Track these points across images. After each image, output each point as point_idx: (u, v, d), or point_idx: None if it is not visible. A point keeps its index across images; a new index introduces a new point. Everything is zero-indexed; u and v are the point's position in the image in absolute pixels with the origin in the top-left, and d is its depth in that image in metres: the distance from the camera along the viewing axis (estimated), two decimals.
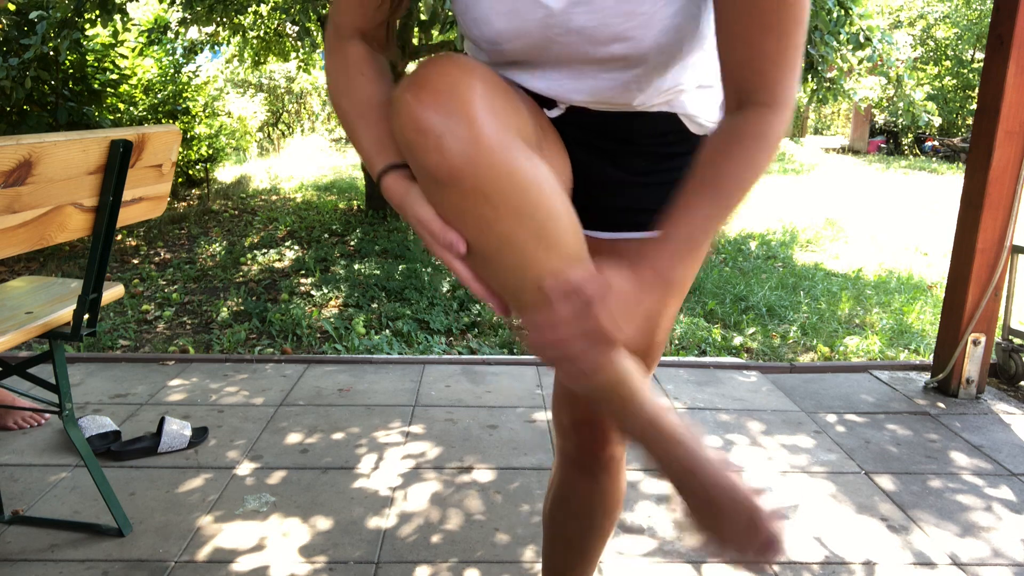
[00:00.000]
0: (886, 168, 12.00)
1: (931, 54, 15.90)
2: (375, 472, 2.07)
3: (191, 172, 7.87)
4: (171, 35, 6.04)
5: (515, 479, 2.05)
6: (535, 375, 2.82)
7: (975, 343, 2.65)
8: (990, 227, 2.55)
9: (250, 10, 6.25)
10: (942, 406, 2.61)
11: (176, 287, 4.33)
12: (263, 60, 8.56)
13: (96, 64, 5.83)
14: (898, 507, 1.95)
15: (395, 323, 3.64)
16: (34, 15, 4.37)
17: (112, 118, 6.25)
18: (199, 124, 7.65)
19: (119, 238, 5.59)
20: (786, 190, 9.24)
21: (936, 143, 14.27)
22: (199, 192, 7.78)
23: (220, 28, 6.58)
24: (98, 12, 4.24)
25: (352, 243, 5.49)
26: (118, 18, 4.38)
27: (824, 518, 1.89)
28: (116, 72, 6.07)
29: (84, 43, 5.58)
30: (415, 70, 0.73)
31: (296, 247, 5.35)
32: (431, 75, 0.70)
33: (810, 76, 4.76)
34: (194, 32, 6.63)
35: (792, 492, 2.02)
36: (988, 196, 2.52)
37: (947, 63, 15.61)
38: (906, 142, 14.84)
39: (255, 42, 7.91)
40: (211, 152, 8.05)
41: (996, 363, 2.87)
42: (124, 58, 6.25)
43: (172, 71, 7.09)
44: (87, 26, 4.68)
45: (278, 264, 4.90)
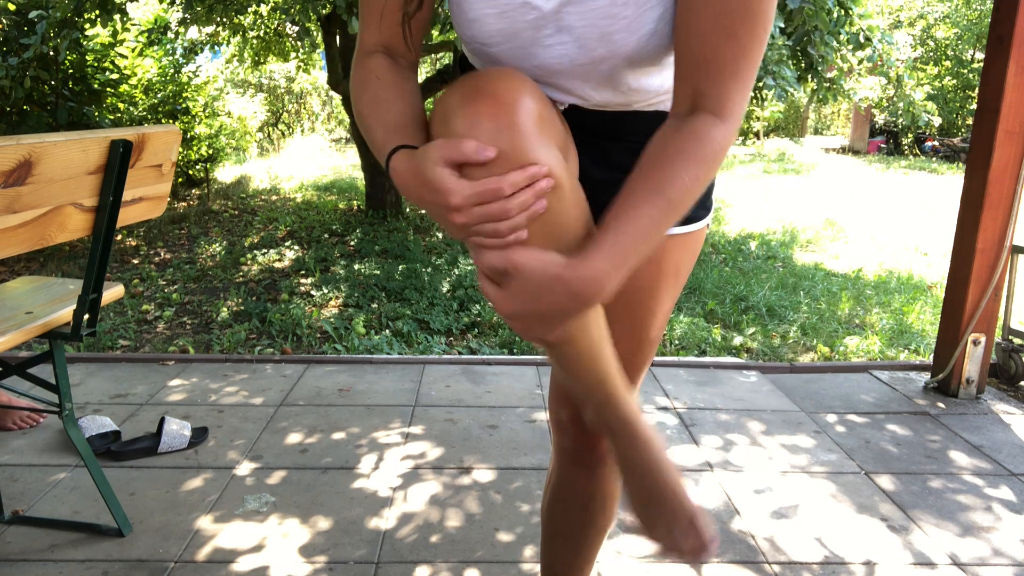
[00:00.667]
0: (886, 168, 12.00)
1: (931, 54, 15.89)
2: (375, 472, 2.07)
3: (191, 172, 7.87)
4: (171, 35, 6.03)
5: (515, 479, 2.05)
6: (535, 375, 2.82)
7: (975, 343, 2.65)
8: (990, 227, 2.55)
9: (250, 10, 6.25)
10: (942, 406, 2.61)
11: (176, 287, 4.33)
12: (263, 60, 8.56)
13: (96, 64, 5.82)
14: (898, 507, 1.95)
15: (395, 323, 3.64)
16: (34, 15, 4.37)
17: (112, 118, 6.25)
18: (199, 124, 7.65)
19: (119, 238, 5.59)
20: (786, 190, 9.24)
21: (936, 143, 14.26)
22: (199, 192, 7.77)
23: (220, 28, 6.58)
24: (98, 12, 4.24)
25: (352, 243, 5.49)
26: (118, 18, 4.38)
27: (824, 518, 1.89)
28: (116, 72, 6.07)
29: (84, 43, 5.58)
30: (467, 80, 0.76)
31: (296, 247, 5.35)
32: (484, 84, 0.74)
33: (810, 76, 4.75)
34: (194, 32, 6.63)
35: (792, 492, 2.02)
36: (988, 196, 2.52)
37: (947, 63, 15.60)
38: (906, 142, 14.83)
39: (255, 42, 7.91)
40: (211, 152, 8.05)
41: (996, 363, 2.87)
42: (124, 58, 6.25)
43: (172, 71, 7.09)
44: (87, 26, 4.67)
45: (278, 264, 4.90)
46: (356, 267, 4.76)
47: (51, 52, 4.44)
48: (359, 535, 1.77)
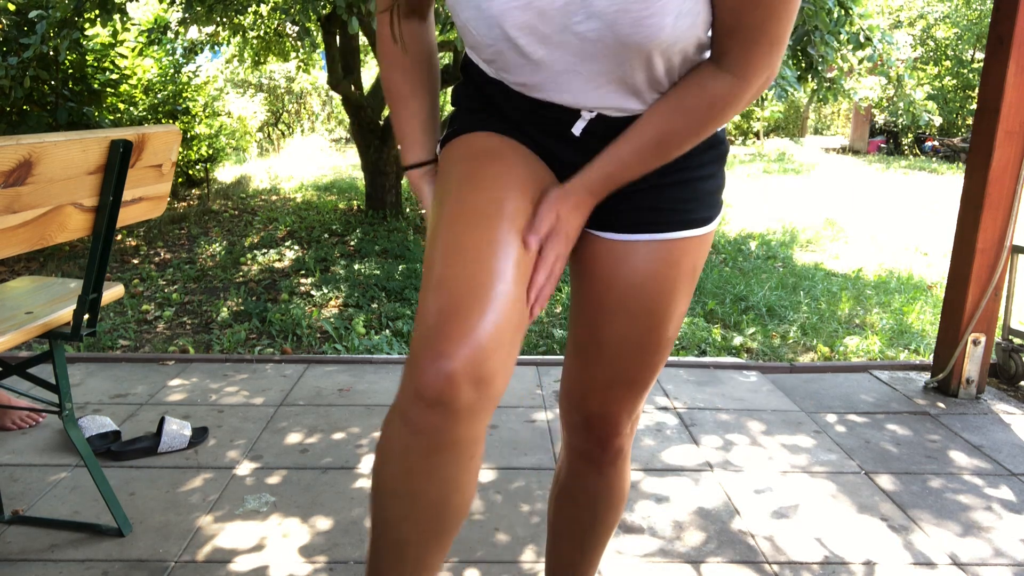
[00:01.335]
0: (886, 168, 12.00)
1: (931, 54, 15.88)
2: None
3: (191, 172, 7.87)
4: (171, 35, 6.03)
5: (515, 479, 2.05)
6: (535, 375, 2.82)
7: (975, 343, 2.65)
8: (990, 227, 2.55)
9: (250, 10, 6.24)
10: (942, 406, 2.61)
11: (176, 287, 4.33)
12: (263, 60, 8.55)
13: (96, 64, 5.82)
14: (898, 507, 1.95)
15: (395, 323, 3.64)
16: (34, 15, 4.36)
17: (112, 118, 6.25)
18: (199, 124, 7.65)
19: (119, 238, 5.59)
20: (786, 190, 9.24)
21: (936, 143, 14.25)
22: (199, 192, 7.78)
23: (220, 28, 6.57)
24: (98, 12, 4.23)
25: (352, 243, 5.49)
26: (118, 18, 4.37)
27: (824, 518, 1.89)
28: (116, 72, 6.06)
29: (84, 43, 5.58)
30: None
31: (296, 247, 5.35)
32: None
33: (810, 76, 4.75)
34: (194, 32, 6.63)
35: (792, 492, 2.02)
36: (988, 196, 2.52)
37: (947, 63, 15.59)
38: (906, 142, 14.82)
39: (255, 42, 7.90)
40: (211, 152, 8.04)
41: (996, 363, 2.87)
42: (124, 58, 6.24)
43: (172, 71, 7.09)
44: (87, 26, 4.67)
45: (278, 264, 4.90)
46: (356, 267, 4.76)
47: (51, 52, 4.43)
48: (359, 535, 1.77)
